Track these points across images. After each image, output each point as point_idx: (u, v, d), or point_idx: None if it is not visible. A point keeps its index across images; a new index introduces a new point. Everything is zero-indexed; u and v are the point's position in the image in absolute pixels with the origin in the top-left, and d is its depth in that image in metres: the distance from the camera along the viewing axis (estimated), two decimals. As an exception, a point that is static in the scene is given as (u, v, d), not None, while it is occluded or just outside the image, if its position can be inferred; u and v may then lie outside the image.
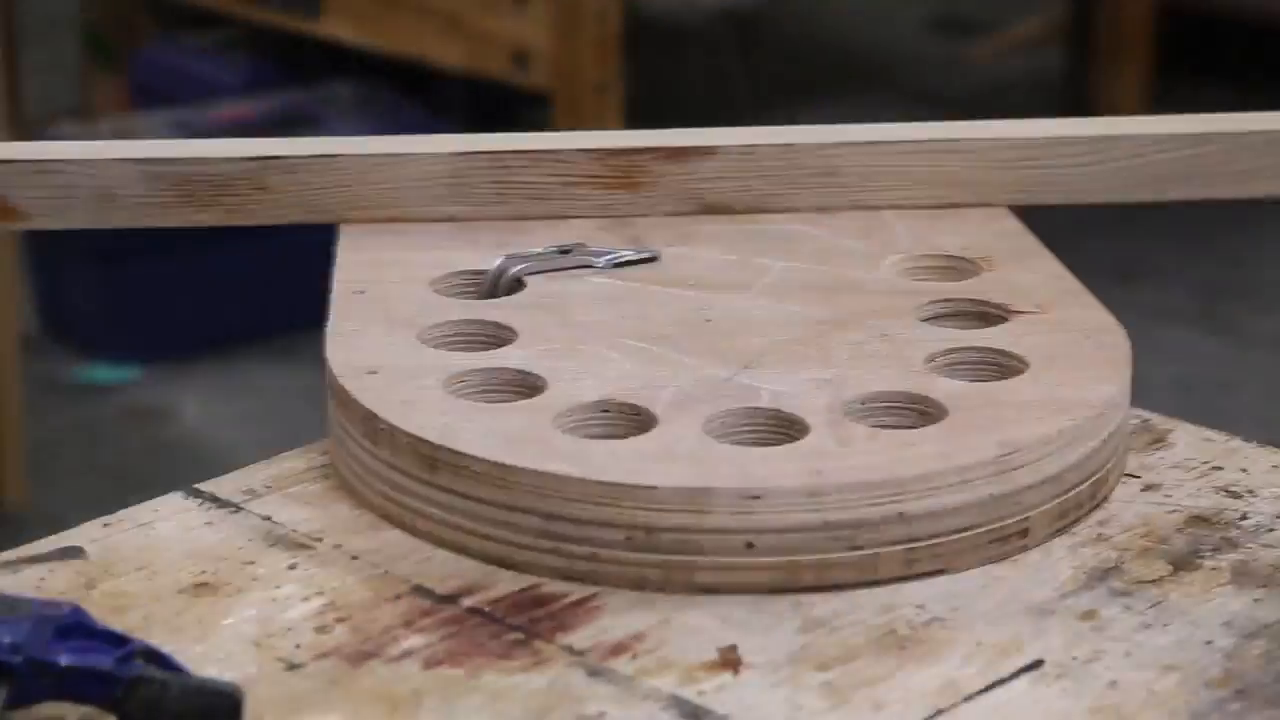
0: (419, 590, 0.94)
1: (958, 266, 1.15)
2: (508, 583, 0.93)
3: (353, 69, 2.90)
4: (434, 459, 0.93)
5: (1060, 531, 0.98)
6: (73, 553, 0.97)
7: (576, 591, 0.92)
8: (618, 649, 0.88)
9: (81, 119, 2.81)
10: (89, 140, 1.76)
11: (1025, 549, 0.96)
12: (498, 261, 1.13)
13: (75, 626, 0.79)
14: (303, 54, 2.84)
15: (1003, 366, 1.03)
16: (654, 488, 0.89)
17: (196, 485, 1.03)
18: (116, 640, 0.79)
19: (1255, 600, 0.93)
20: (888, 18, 3.72)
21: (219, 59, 2.90)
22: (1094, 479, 0.99)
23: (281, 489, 1.04)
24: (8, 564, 0.94)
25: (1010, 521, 0.95)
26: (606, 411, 0.98)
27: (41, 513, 2.31)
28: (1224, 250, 3.14)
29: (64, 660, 0.77)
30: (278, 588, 0.94)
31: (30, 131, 2.71)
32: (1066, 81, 3.42)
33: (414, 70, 2.83)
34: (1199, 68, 3.30)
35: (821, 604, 0.91)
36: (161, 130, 2.57)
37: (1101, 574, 0.97)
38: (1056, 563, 0.96)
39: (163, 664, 0.78)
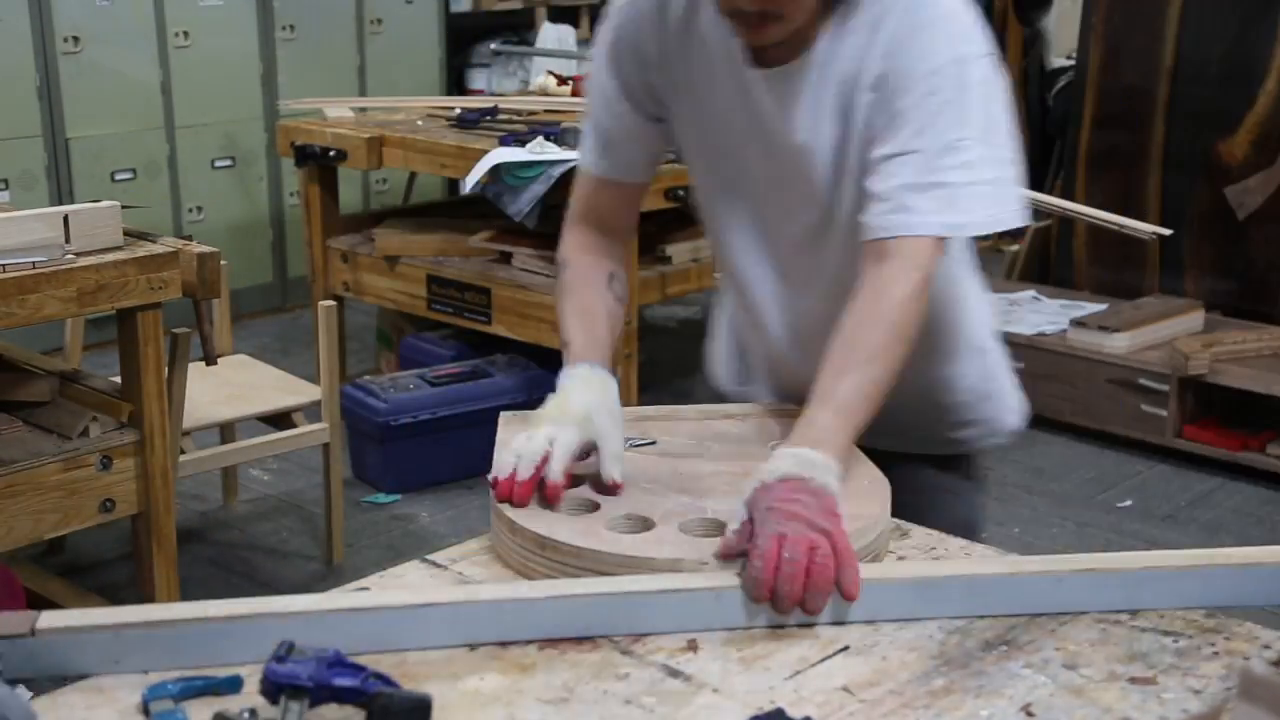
0: (535, 610, 1.30)
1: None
2: (579, 606, 1.30)
3: (506, 347, 4.12)
4: (542, 543, 1.36)
5: (859, 580, 1.37)
6: (364, 589, 1.36)
7: (614, 610, 1.30)
8: (636, 639, 1.25)
9: (373, 374, 4.28)
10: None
11: (840, 589, 1.34)
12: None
13: (336, 661, 1.12)
14: (481, 339, 4.17)
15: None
16: (652, 558, 1.32)
17: (426, 556, 1.43)
18: (358, 668, 1.11)
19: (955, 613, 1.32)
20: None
21: (442, 343, 4.30)
22: (874, 553, 1.39)
23: (468, 558, 1.43)
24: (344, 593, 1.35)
25: (832, 575, 1.34)
26: (630, 520, 1.41)
27: (350, 568, 3.47)
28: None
29: (336, 682, 1.10)
30: (464, 608, 1.31)
31: (350, 380, 4.13)
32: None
33: (535, 348, 3.99)
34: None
35: (737, 617, 1.29)
36: (412, 381, 3.99)
37: (877, 601, 1.33)
38: (856, 596, 1.33)
39: (386, 682, 1.11)
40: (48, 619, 1.20)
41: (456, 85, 6.10)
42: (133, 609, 1.23)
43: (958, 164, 1.48)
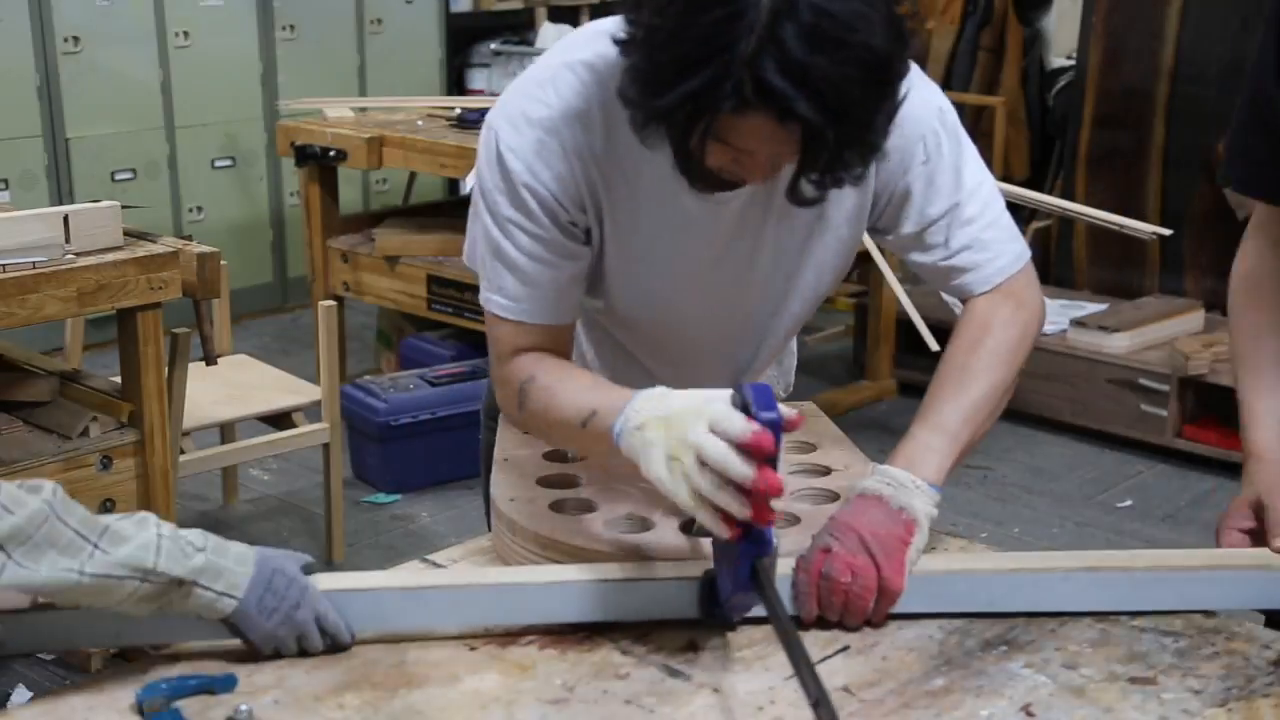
0: (535, 610, 1.31)
1: (803, 448, 1.60)
2: (579, 606, 1.31)
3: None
4: (543, 541, 1.38)
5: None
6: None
7: (614, 610, 1.31)
8: (637, 638, 1.26)
9: (373, 374, 4.29)
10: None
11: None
12: (573, 444, 1.56)
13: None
14: (481, 339, 3.89)
15: (827, 496, 1.47)
16: (653, 558, 1.33)
17: (426, 556, 1.43)
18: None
19: (949, 617, 1.33)
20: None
21: (442, 343, 4.30)
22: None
23: (468, 557, 1.43)
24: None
25: (830, 575, 1.35)
26: (630, 520, 1.41)
27: (350, 568, 3.31)
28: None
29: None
30: (464, 608, 1.31)
31: (350, 380, 4.11)
32: (854, 355, 4.85)
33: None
34: (914, 348, 4.20)
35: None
36: (412, 381, 3.98)
37: (877, 601, 1.34)
38: (855, 596, 1.33)
39: None
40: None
41: (456, 85, 6.10)
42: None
43: (983, 198, 1.48)
